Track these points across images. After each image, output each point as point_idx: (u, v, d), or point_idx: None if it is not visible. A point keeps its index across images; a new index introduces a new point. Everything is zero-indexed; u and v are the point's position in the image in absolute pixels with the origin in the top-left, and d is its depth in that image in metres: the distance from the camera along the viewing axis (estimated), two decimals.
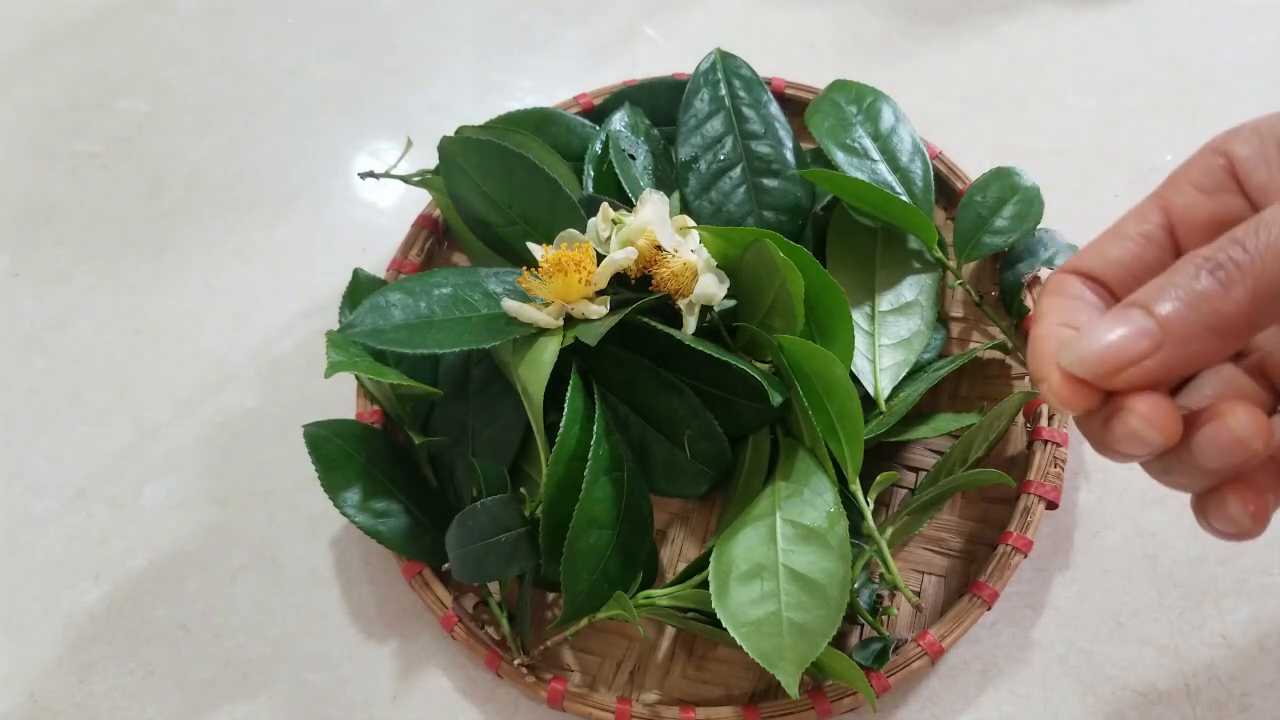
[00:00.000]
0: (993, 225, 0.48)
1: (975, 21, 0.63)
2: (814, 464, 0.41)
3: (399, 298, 0.42)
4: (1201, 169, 0.25)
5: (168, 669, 0.45)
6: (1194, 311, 0.21)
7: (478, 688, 0.44)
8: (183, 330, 0.55)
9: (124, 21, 0.67)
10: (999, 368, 0.49)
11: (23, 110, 0.63)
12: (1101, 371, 0.22)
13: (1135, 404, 0.22)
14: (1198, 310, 0.21)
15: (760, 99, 0.50)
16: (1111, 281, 0.25)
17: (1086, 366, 0.22)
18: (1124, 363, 0.22)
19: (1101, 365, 0.22)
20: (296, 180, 0.60)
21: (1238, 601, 0.44)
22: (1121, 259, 0.25)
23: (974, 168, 0.51)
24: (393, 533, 0.43)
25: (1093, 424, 0.23)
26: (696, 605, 0.40)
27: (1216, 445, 0.22)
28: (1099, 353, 0.22)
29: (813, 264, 0.40)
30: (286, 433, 0.51)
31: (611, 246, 0.43)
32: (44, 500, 0.50)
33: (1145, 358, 0.21)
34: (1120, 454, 0.22)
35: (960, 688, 0.43)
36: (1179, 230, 0.25)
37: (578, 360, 0.44)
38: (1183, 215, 0.25)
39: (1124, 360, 0.22)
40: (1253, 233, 0.21)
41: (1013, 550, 0.42)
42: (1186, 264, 0.22)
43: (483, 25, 0.66)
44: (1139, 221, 0.26)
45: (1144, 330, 0.21)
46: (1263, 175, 0.24)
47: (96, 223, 0.59)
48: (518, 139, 0.48)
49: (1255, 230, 0.21)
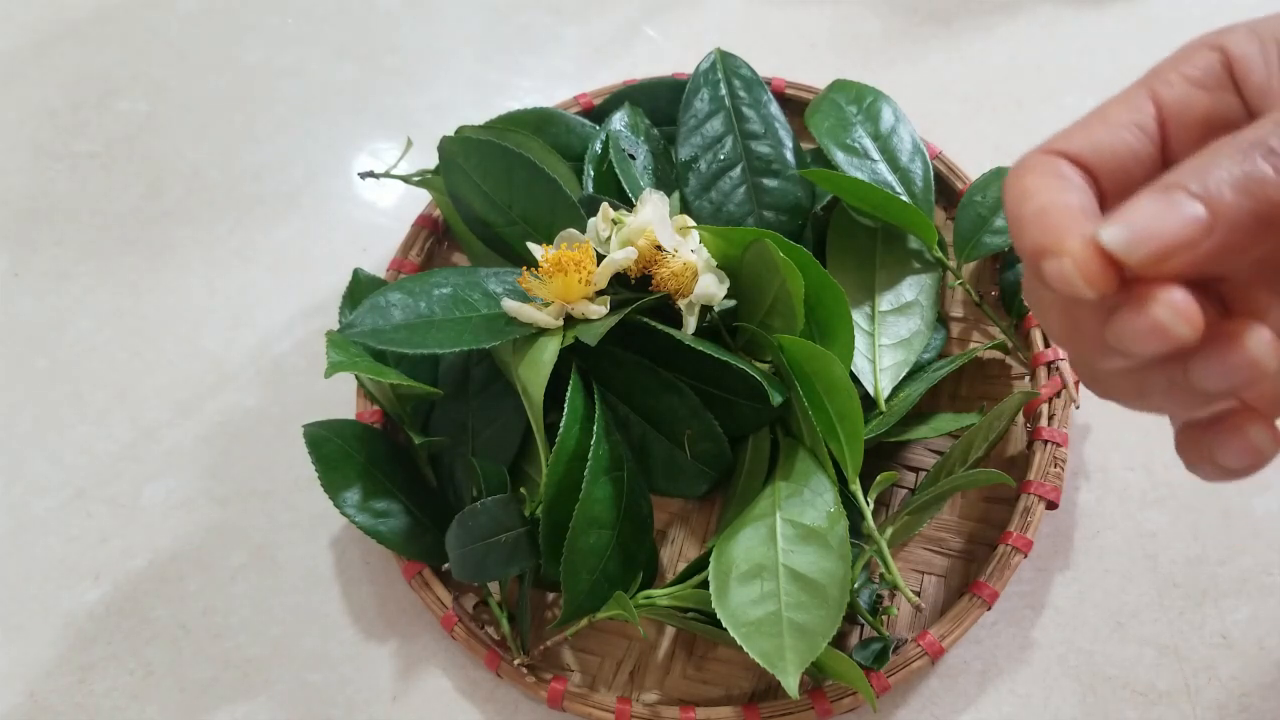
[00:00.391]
0: (993, 225, 0.48)
1: (975, 21, 0.63)
2: (814, 464, 0.41)
3: (399, 298, 0.42)
4: (1196, 64, 0.23)
5: (168, 669, 0.45)
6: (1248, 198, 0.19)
7: (478, 688, 0.44)
8: (183, 330, 0.55)
9: (124, 21, 0.67)
10: (999, 368, 0.49)
11: (23, 110, 0.63)
12: (1150, 254, 0.19)
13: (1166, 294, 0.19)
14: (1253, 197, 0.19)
15: (760, 99, 0.50)
16: (1099, 170, 0.23)
17: (1135, 245, 0.19)
18: (1175, 248, 0.19)
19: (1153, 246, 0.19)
20: (296, 180, 0.60)
21: (1238, 601, 0.44)
22: (1113, 147, 0.23)
23: (974, 168, 0.51)
24: (393, 533, 0.43)
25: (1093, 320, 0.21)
26: (696, 605, 0.40)
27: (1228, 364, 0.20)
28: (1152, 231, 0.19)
29: (813, 264, 0.40)
30: (286, 433, 0.51)
31: (611, 246, 0.43)
32: (44, 500, 0.50)
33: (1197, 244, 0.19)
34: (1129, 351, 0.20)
35: (960, 688, 0.43)
36: (1170, 125, 0.23)
37: (578, 360, 0.44)
38: (1175, 109, 0.23)
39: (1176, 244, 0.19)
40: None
41: (1013, 550, 0.42)
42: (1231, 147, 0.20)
43: (483, 25, 0.66)
44: (1129, 109, 0.23)
45: (1195, 215, 0.19)
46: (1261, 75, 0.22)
47: (96, 223, 0.59)
48: (518, 139, 0.48)
49: None
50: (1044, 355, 0.46)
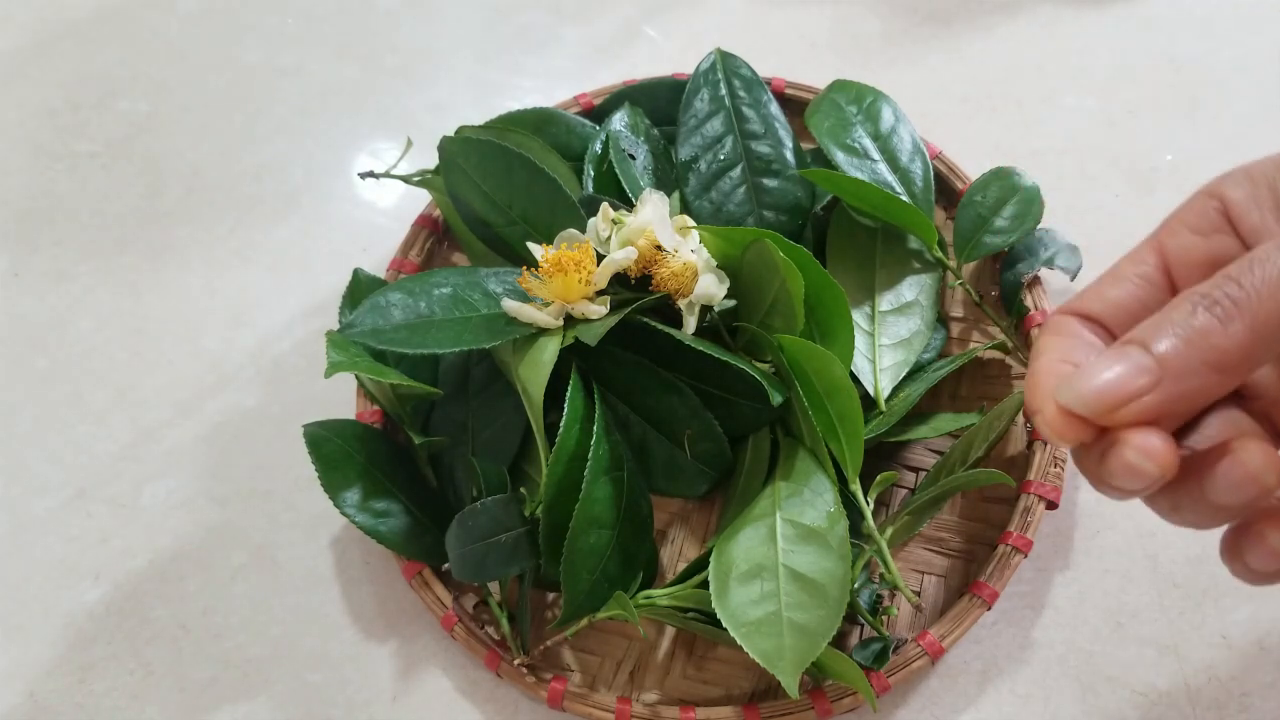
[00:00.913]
0: (993, 225, 0.48)
1: (975, 21, 0.63)
2: (814, 464, 0.41)
3: (399, 298, 0.42)
4: (1195, 212, 0.26)
5: (168, 669, 0.45)
6: (1192, 348, 0.21)
7: (478, 688, 0.44)
8: (183, 330, 0.55)
9: (124, 21, 0.67)
10: (999, 368, 0.49)
11: (23, 110, 0.63)
12: (1099, 408, 0.22)
13: (1131, 437, 0.22)
14: (1195, 346, 0.21)
15: (760, 99, 0.50)
16: (1110, 322, 0.26)
17: (1083, 403, 0.22)
18: (1122, 399, 0.22)
19: (1099, 402, 0.22)
20: (296, 180, 0.60)
21: (1238, 601, 0.44)
22: (1120, 300, 0.26)
23: (974, 168, 0.51)
24: (393, 533, 0.43)
25: (1089, 459, 0.23)
26: (696, 605, 0.40)
27: (1230, 480, 0.22)
28: (1097, 389, 0.22)
29: (813, 264, 0.40)
30: (286, 433, 0.51)
31: (611, 246, 0.43)
32: (44, 500, 0.50)
33: (1144, 394, 0.22)
34: (1118, 489, 0.22)
35: (960, 688, 0.43)
36: (1175, 271, 0.26)
37: (578, 360, 0.44)
38: (1178, 257, 0.26)
39: (1122, 397, 0.22)
40: (1247, 269, 0.21)
41: (1013, 550, 0.42)
42: (1183, 301, 0.22)
43: (483, 25, 0.66)
44: (1135, 263, 0.26)
45: (1142, 367, 0.22)
46: (1255, 218, 0.25)
47: (96, 223, 0.59)
48: (518, 139, 0.48)
49: (1250, 267, 0.21)
50: None
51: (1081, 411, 0.22)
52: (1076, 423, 0.23)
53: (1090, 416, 0.22)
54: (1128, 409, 0.22)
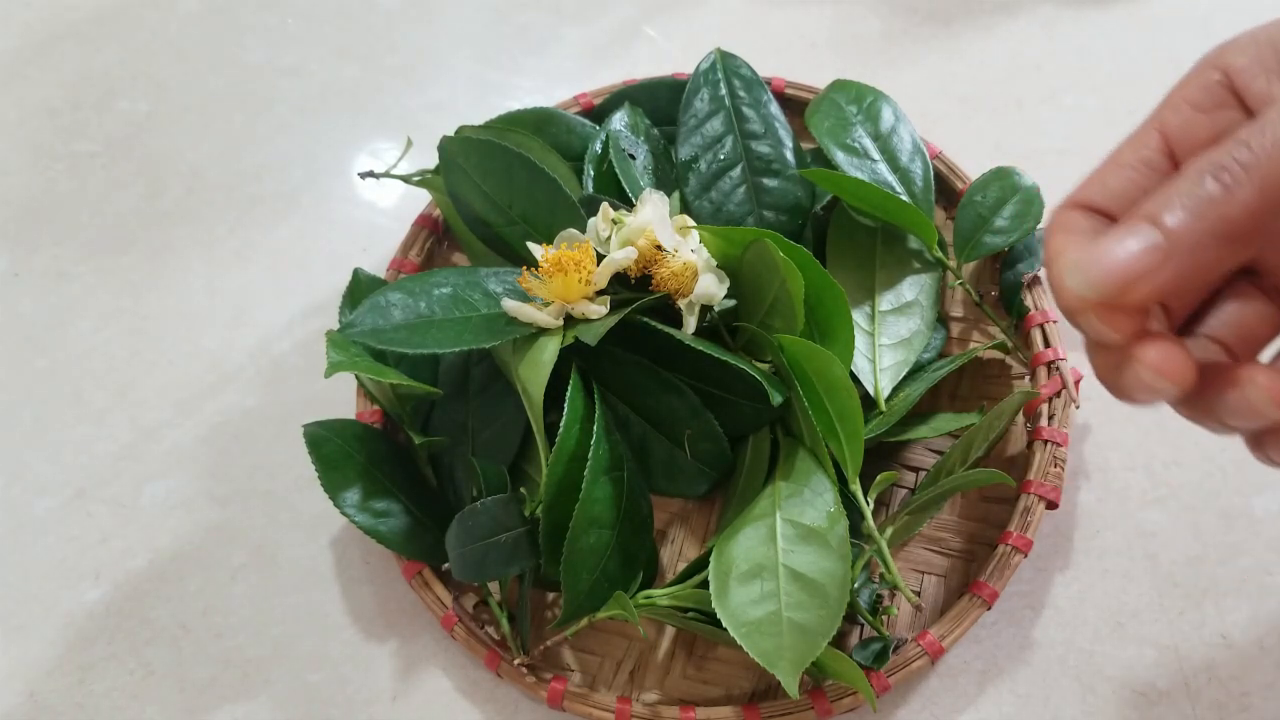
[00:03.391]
0: (993, 225, 0.48)
1: (975, 21, 0.63)
2: (814, 464, 0.41)
3: (399, 298, 0.42)
4: (1197, 86, 0.25)
5: (168, 669, 0.45)
6: (1200, 219, 0.20)
7: (478, 688, 0.44)
8: (183, 330, 0.55)
9: (124, 21, 0.67)
10: (999, 368, 0.49)
11: (23, 110, 0.63)
12: (1110, 289, 0.21)
13: (1144, 353, 0.21)
14: (1204, 217, 0.20)
15: (760, 99, 0.50)
16: (1116, 211, 0.24)
17: (1091, 285, 0.21)
18: (1133, 277, 0.21)
19: (1110, 282, 0.21)
20: (296, 180, 0.60)
21: (1238, 601, 0.44)
22: (1123, 188, 0.25)
23: (974, 168, 0.51)
24: (393, 533, 0.43)
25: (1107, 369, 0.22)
26: (696, 605, 0.40)
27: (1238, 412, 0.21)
28: (1106, 269, 0.21)
29: (813, 264, 0.40)
30: (286, 433, 0.51)
31: (611, 246, 0.43)
32: (44, 500, 0.50)
33: (1155, 270, 0.21)
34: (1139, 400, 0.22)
35: (960, 688, 0.43)
36: (1178, 152, 0.25)
37: (578, 360, 0.44)
38: (1181, 136, 0.24)
39: (1133, 275, 0.21)
40: (1257, 132, 0.20)
41: (1013, 550, 0.42)
42: (1189, 170, 0.21)
43: (483, 25, 0.66)
44: (1137, 148, 0.25)
45: (1152, 243, 0.21)
46: (1262, 83, 0.23)
47: (96, 223, 0.59)
48: (518, 139, 0.48)
49: (1260, 129, 0.20)
50: (1044, 355, 0.46)
51: (1091, 295, 0.21)
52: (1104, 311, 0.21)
53: (1100, 299, 0.21)
54: (1141, 286, 0.21)
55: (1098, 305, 0.21)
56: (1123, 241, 0.21)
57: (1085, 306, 0.22)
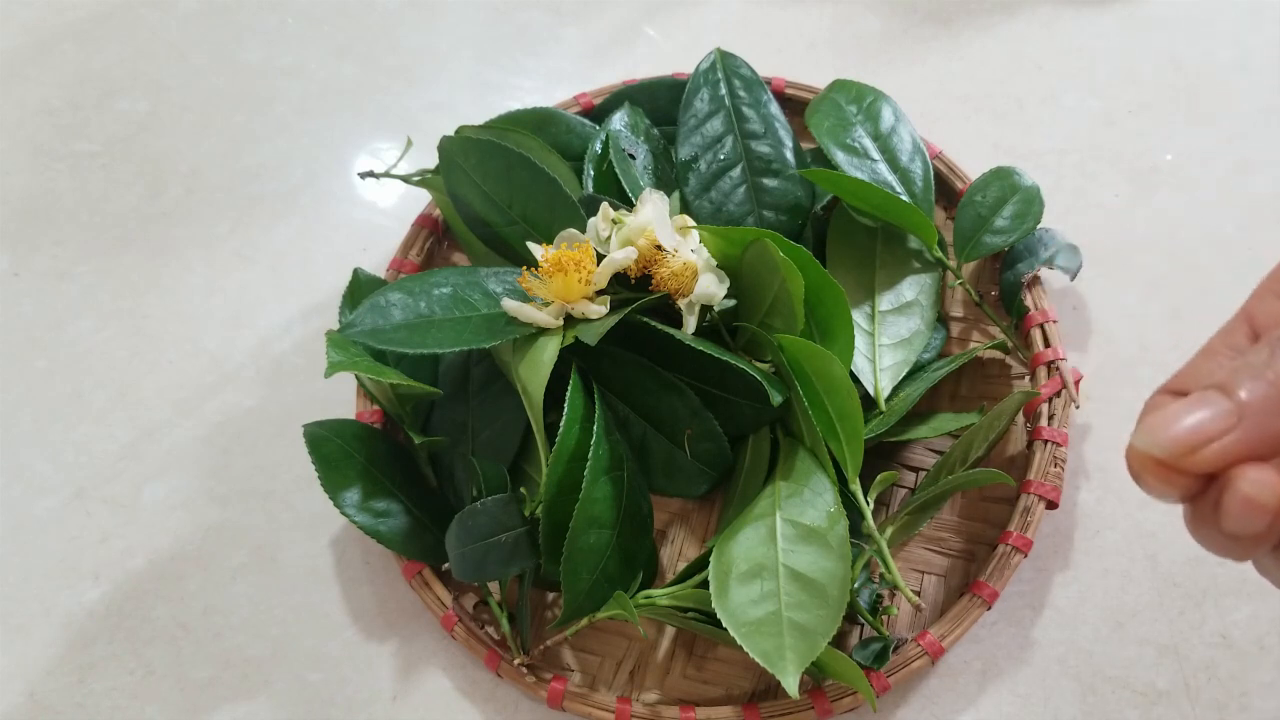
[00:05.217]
0: (993, 225, 0.48)
1: (975, 21, 0.63)
2: (814, 464, 0.41)
3: (399, 298, 0.42)
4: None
5: (168, 669, 0.45)
6: (1272, 386, 0.21)
7: (478, 688, 0.44)
8: (183, 330, 0.55)
9: (124, 21, 0.67)
10: (999, 367, 0.49)
11: (23, 110, 0.63)
12: (1177, 449, 0.22)
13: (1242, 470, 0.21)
14: (1275, 385, 0.21)
15: (760, 99, 0.50)
16: None
17: (1160, 445, 0.22)
18: (1202, 440, 0.21)
19: (1177, 442, 0.22)
20: (296, 180, 0.60)
21: (1238, 601, 0.44)
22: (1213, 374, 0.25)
23: (974, 168, 0.51)
24: (393, 533, 0.43)
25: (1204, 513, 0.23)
26: (696, 605, 0.40)
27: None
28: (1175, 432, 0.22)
29: (813, 264, 0.40)
30: (286, 433, 0.51)
31: (611, 246, 0.43)
32: (44, 500, 0.50)
33: (1224, 435, 0.21)
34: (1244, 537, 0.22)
35: (960, 688, 0.43)
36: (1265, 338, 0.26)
37: (578, 360, 0.44)
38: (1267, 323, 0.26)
39: (1201, 437, 0.21)
40: None
41: (1013, 550, 0.42)
42: (1262, 345, 0.22)
43: (483, 25, 0.66)
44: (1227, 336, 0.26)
45: (1221, 410, 0.22)
46: None
47: (96, 223, 0.59)
48: (518, 139, 0.48)
49: None
50: (1044, 355, 0.46)
51: (1159, 455, 0.22)
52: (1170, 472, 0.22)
53: (1169, 459, 0.22)
54: (1210, 449, 0.21)
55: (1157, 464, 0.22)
56: (1195, 407, 0.22)
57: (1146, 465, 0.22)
